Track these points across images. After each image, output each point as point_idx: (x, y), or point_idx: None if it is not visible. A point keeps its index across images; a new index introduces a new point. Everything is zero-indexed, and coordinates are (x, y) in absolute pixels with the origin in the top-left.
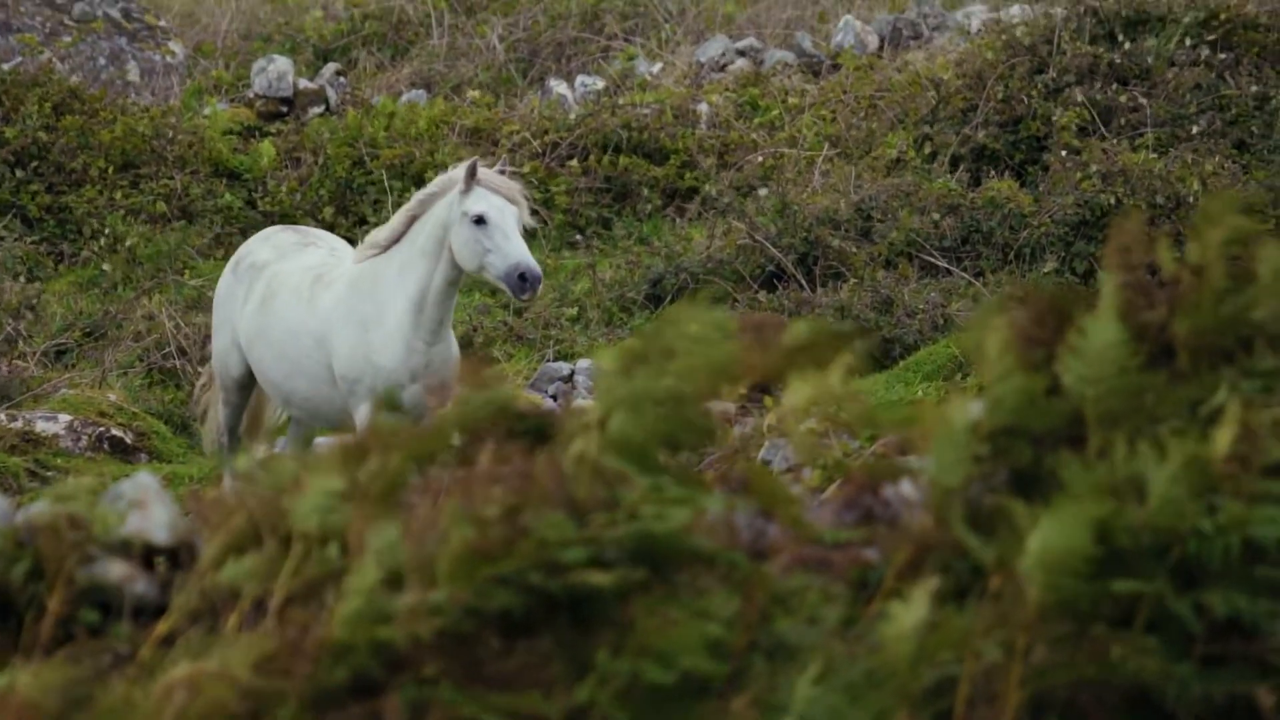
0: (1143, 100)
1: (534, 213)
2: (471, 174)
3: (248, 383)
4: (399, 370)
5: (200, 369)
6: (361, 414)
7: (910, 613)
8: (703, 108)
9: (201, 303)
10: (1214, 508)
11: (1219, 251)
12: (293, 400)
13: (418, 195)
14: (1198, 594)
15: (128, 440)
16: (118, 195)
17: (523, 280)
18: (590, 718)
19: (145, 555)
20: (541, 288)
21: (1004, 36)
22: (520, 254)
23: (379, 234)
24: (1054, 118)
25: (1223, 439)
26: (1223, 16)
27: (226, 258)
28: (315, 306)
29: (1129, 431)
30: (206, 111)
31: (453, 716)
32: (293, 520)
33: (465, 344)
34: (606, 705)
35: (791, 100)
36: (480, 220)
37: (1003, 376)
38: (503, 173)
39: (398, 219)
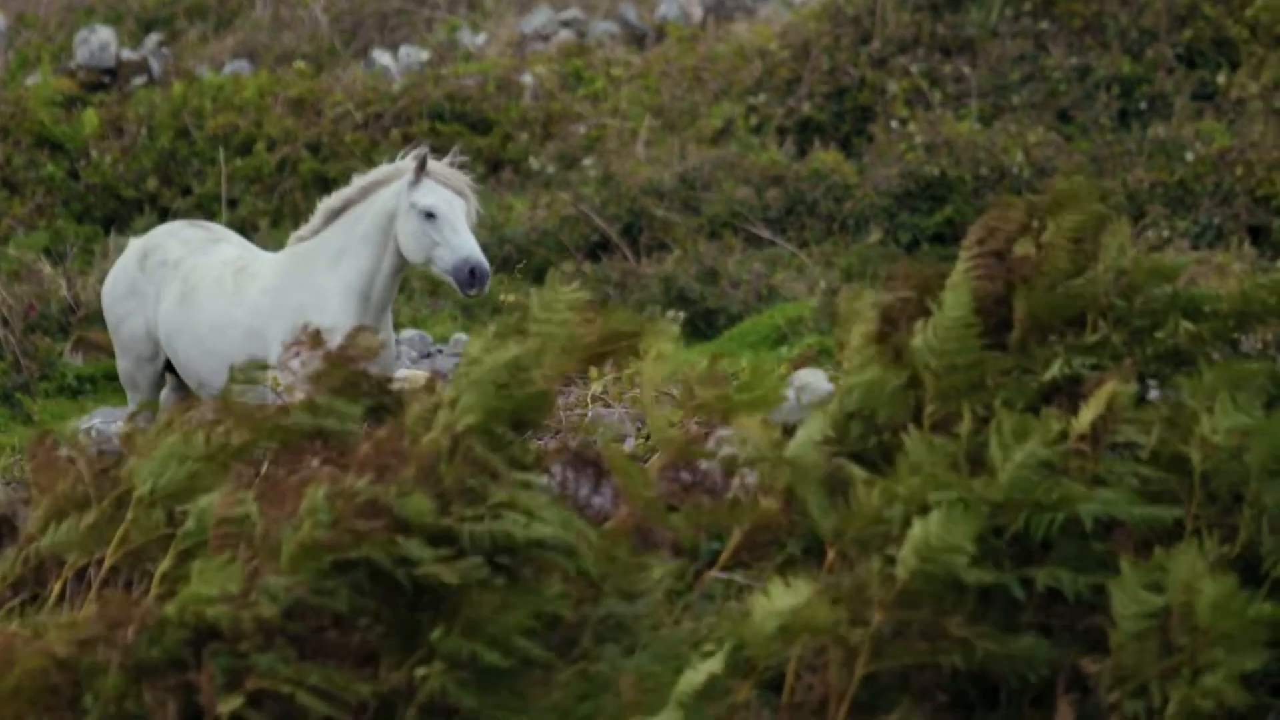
0: (966, 71)
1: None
2: (421, 166)
3: (160, 375)
4: None
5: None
6: None
7: (785, 596)
8: (526, 79)
9: (23, 273)
10: (1057, 486)
11: (1067, 234)
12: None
13: (358, 182)
14: (1025, 569)
15: None
16: None
17: (472, 275)
18: (415, 693)
19: None
20: (489, 285)
21: (828, 7)
22: (470, 249)
23: (310, 222)
24: (885, 88)
25: (1085, 417)
26: None
27: (49, 228)
28: (242, 298)
29: (968, 403)
30: (30, 81)
31: (270, 688)
32: (134, 482)
33: None
34: (442, 682)
35: (615, 71)
36: (429, 214)
37: (860, 367)
38: (452, 164)
39: (330, 203)
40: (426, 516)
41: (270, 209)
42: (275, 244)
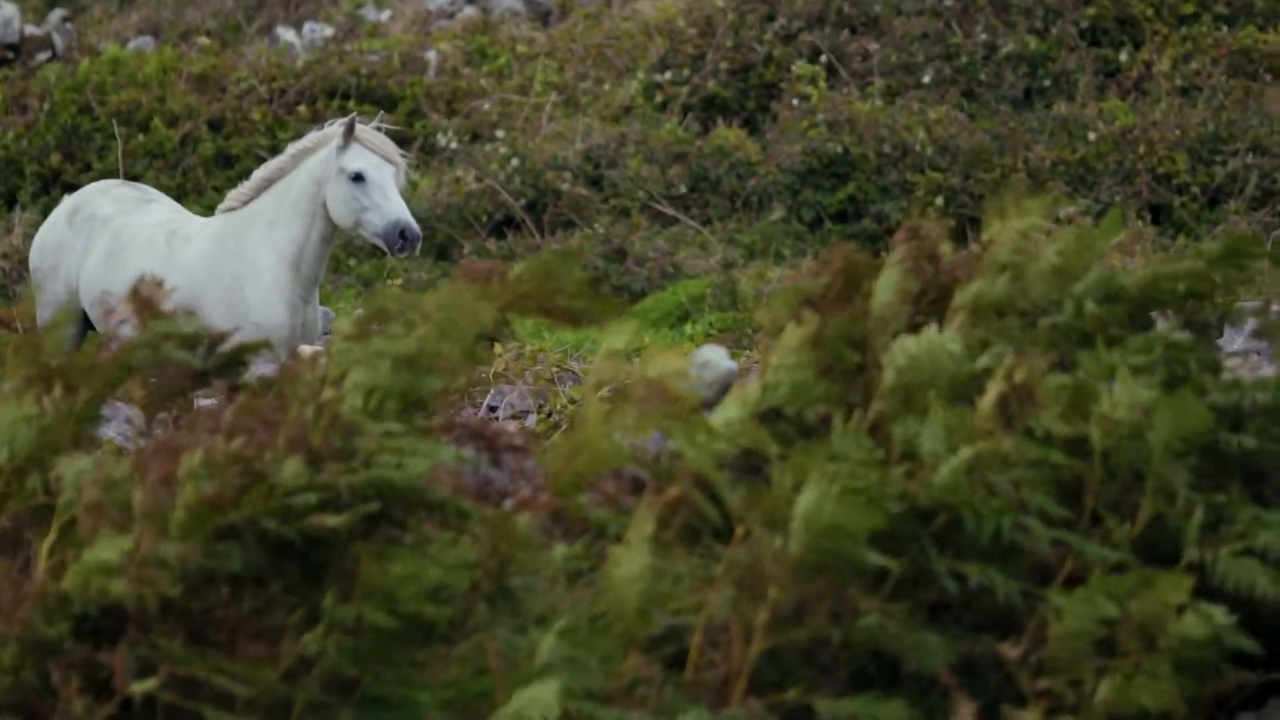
0: (872, 48)
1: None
2: (349, 131)
3: (81, 336)
4: (283, 327)
5: None
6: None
7: (633, 558)
8: (431, 55)
9: None
10: (988, 484)
11: (1013, 237)
12: None
13: (289, 149)
14: (956, 562)
15: None
16: None
17: (403, 238)
18: (316, 668)
19: None
20: (419, 246)
21: None
22: (400, 212)
23: (242, 188)
24: (792, 66)
25: (989, 397)
26: None
27: None
28: (175, 262)
29: (908, 395)
30: None
31: (182, 672)
32: None
33: None
34: (333, 652)
35: (520, 48)
36: (358, 178)
37: (792, 367)
38: (379, 129)
39: (263, 172)
40: (301, 479)
41: (173, 185)
42: None
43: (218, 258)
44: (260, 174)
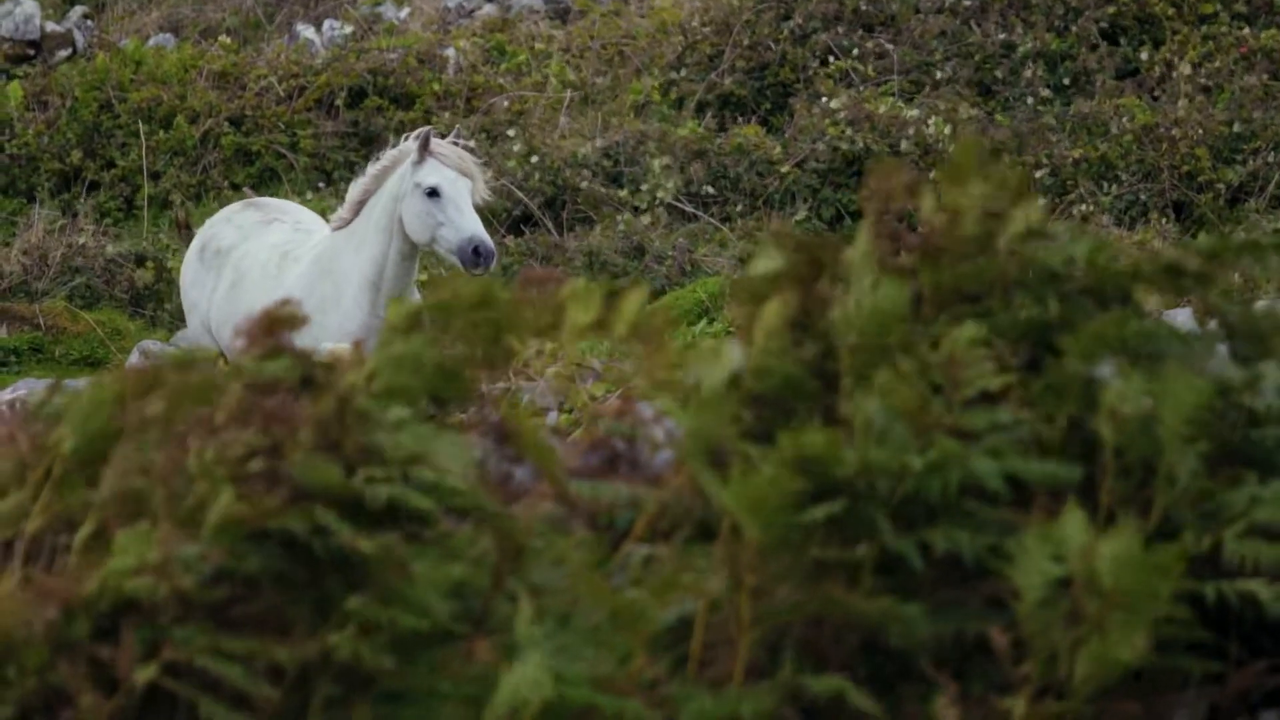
0: (889, 47)
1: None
2: (424, 145)
3: None
4: None
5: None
6: None
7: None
8: (449, 53)
9: None
10: (929, 444)
11: (974, 202)
12: None
13: (370, 169)
14: (919, 533)
15: None
16: None
17: (476, 254)
18: (330, 662)
19: None
20: (495, 263)
21: None
22: (474, 227)
23: (342, 208)
24: (807, 66)
25: (942, 353)
26: None
27: None
28: (282, 284)
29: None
30: None
31: (187, 657)
32: (60, 446)
33: None
34: (355, 651)
35: (538, 46)
36: (433, 192)
37: (772, 353)
38: (456, 144)
39: (354, 192)
40: (333, 484)
41: (193, 182)
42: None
43: (313, 278)
44: (352, 194)
